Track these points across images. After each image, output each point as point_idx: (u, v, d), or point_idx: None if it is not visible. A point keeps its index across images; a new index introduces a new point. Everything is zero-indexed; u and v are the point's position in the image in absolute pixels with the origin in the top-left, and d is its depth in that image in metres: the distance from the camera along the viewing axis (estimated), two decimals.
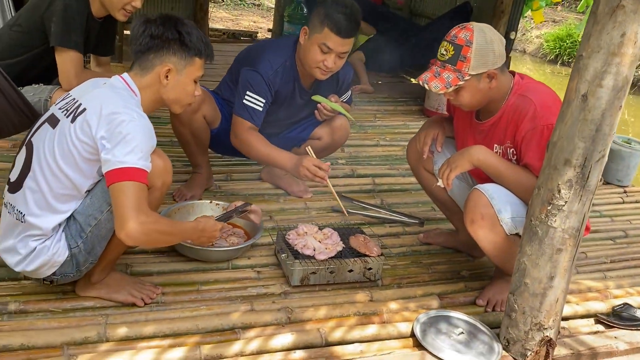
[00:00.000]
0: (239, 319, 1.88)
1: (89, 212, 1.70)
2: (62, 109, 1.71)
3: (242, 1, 12.49)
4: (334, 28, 2.31)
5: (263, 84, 2.44)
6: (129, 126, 1.60)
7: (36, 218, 1.67)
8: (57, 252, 1.71)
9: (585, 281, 2.44)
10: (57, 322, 1.75)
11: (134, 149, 1.59)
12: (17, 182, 1.70)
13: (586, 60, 1.57)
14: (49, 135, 1.68)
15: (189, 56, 1.77)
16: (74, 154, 1.64)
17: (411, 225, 2.76)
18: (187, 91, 1.82)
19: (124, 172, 1.57)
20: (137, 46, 1.75)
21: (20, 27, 2.21)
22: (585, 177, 1.65)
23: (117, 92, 1.70)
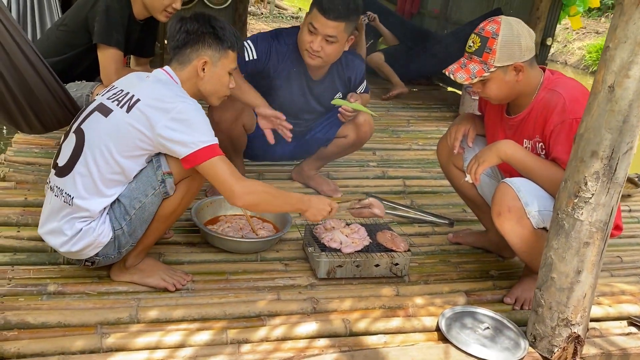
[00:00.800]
0: (265, 307, 1.92)
1: (134, 195, 1.79)
2: (111, 99, 1.80)
3: (280, 14, 12.73)
4: (320, 8, 2.31)
5: (265, 45, 2.46)
6: (188, 111, 1.73)
7: (84, 201, 1.75)
8: (102, 233, 1.80)
9: (619, 284, 2.38)
10: (92, 304, 1.84)
11: (202, 128, 1.74)
12: (66, 167, 1.79)
13: (613, 51, 1.56)
14: (102, 123, 1.77)
15: (222, 49, 1.86)
16: (128, 143, 1.74)
17: (441, 226, 2.76)
18: (223, 83, 1.92)
19: (208, 151, 1.73)
20: (174, 42, 1.85)
21: (66, 26, 2.35)
22: (613, 169, 1.63)
23: (162, 82, 1.81)
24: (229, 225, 2.36)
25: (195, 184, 1.86)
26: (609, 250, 2.63)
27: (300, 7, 13.84)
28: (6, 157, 2.83)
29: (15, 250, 2.09)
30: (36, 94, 2.09)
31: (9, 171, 2.67)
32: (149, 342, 1.68)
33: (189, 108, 1.74)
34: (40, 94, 2.09)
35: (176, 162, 1.77)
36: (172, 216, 1.88)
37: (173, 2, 2.32)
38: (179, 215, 1.94)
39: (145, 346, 1.67)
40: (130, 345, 1.67)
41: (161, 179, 1.78)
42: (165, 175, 1.78)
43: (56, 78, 2.10)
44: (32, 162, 2.83)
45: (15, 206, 2.38)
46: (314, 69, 2.58)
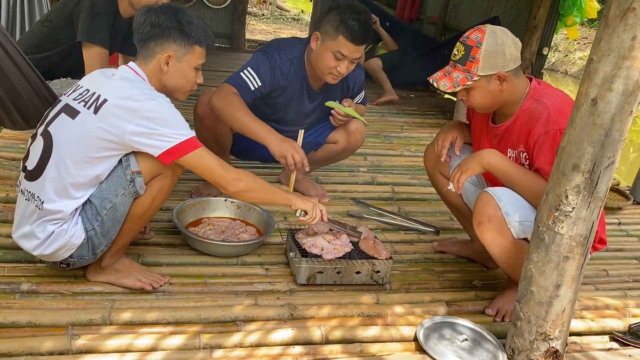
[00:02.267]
0: (241, 312, 1.90)
1: (105, 195, 1.76)
2: (77, 99, 1.77)
3: (282, 16, 12.73)
4: (349, 36, 2.31)
5: (267, 68, 2.43)
6: (158, 108, 1.70)
7: (55, 204, 1.73)
8: (74, 234, 1.77)
9: (603, 298, 2.36)
10: (65, 304, 1.82)
11: (178, 122, 1.73)
12: (35, 170, 1.76)
13: (596, 64, 1.54)
14: (69, 125, 1.73)
15: (188, 44, 1.83)
16: (97, 145, 1.70)
17: (426, 234, 2.74)
18: (188, 78, 1.88)
19: (190, 143, 1.73)
20: (139, 35, 1.82)
21: (50, 22, 2.33)
22: (594, 183, 1.61)
23: (130, 82, 1.77)
24: (211, 227, 2.34)
25: (167, 182, 1.83)
26: (595, 263, 2.64)
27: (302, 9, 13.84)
28: None
29: None
30: (19, 90, 2.07)
31: None
32: (120, 344, 1.66)
33: (159, 105, 1.70)
34: (23, 91, 2.08)
35: (146, 160, 1.75)
36: (144, 216, 1.86)
37: (159, 0, 2.30)
38: (152, 215, 1.91)
39: (115, 349, 1.65)
40: (101, 348, 1.64)
41: (130, 178, 1.75)
42: (134, 174, 1.75)
43: (38, 75, 2.08)
44: (17, 157, 2.80)
45: None
46: (317, 81, 2.57)
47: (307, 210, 2.04)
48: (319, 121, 2.75)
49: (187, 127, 1.75)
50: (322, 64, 2.40)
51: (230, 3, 6.42)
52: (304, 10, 13.58)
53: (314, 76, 2.54)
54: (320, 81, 2.57)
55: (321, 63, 2.40)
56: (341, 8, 2.33)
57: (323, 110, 2.66)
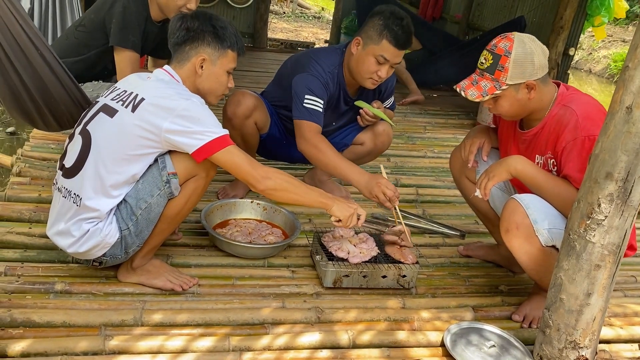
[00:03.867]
0: (269, 314, 1.92)
1: (140, 195, 1.80)
2: (115, 99, 1.81)
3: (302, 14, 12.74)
4: (393, 40, 2.34)
5: (319, 85, 2.46)
6: (192, 107, 1.74)
7: (92, 201, 1.77)
8: (109, 234, 1.81)
9: (632, 305, 2.33)
10: (98, 304, 1.85)
11: (210, 121, 1.76)
12: (73, 168, 1.80)
13: (632, 71, 1.52)
14: (107, 124, 1.78)
15: (222, 48, 1.88)
16: (135, 142, 1.75)
17: (452, 237, 2.73)
18: (221, 82, 1.93)
19: (221, 141, 1.76)
20: (174, 39, 1.87)
21: (84, 27, 2.37)
22: (628, 192, 1.59)
23: (166, 83, 1.82)
24: (238, 229, 2.36)
25: (202, 184, 1.86)
26: (624, 269, 2.61)
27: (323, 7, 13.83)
28: (23, 152, 2.87)
29: (26, 247, 2.12)
30: (52, 93, 2.11)
31: (24, 166, 2.71)
32: (152, 346, 1.69)
33: (193, 105, 1.74)
34: (57, 93, 2.12)
35: (181, 162, 1.79)
36: (177, 217, 1.89)
37: (187, 3, 2.33)
38: (184, 216, 1.95)
39: (147, 350, 1.68)
40: (133, 349, 1.68)
41: (166, 180, 1.78)
42: (170, 175, 1.78)
43: (72, 78, 2.12)
44: (48, 157, 2.86)
45: (28, 202, 2.42)
46: (353, 86, 2.59)
47: (342, 218, 1.98)
48: (348, 123, 2.77)
49: (219, 126, 1.78)
50: (363, 68, 2.41)
51: (253, 2, 6.45)
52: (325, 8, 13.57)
53: (351, 82, 2.56)
54: (356, 86, 2.59)
55: (362, 67, 2.41)
56: (385, 14, 2.36)
57: (354, 112, 2.68)
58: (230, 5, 6.39)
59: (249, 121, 2.59)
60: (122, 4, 2.23)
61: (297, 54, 2.71)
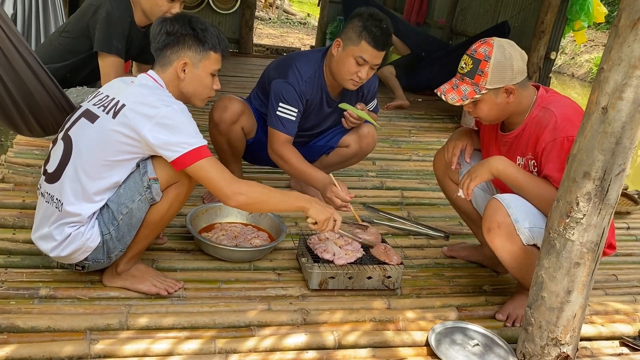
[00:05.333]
0: (255, 317, 1.93)
1: (122, 200, 1.80)
2: (97, 105, 1.82)
3: (288, 20, 12.78)
4: (372, 41, 2.37)
5: (294, 94, 2.51)
6: (172, 115, 1.73)
7: (73, 206, 1.77)
8: (90, 237, 1.81)
9: (613, 303, 2.38)
10: (83, 309, 1.85)
11: (188, 130, 1.74)
12: (55, 173, 1.80)
13: (607, 72, 1.56)
14: (88, 130, 1.77)
15: (204, 50, 1.86)
16: (116, 148, 1.74)
17: (436, 239, 2.76)
18: (205, 84, 1.92)
19: (196, 153, 1.73)
20: (155, 44, 1.87)
21: (68, 33, 2.37)
22: (605, 190, 1.63)
23: (149, 89, 1.82)
24: (224, 233, 2.37)
25: (184, 190, 1.86)
26: (605, 268, 2.65)
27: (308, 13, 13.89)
28: (6, 158, 2.86)
29: (9, 252, 2.11)
30: (36, 98, 2.11)
31: (8, 172, 2.69)
32: (137, 349, 1.69)
33: (173, 112, 1.73)
34: (40, 98, 2.12)
35: (163, 167, 1.78)
36: (160, 223, 1.89)
37: (171, 8, 2.34)
38: (167, 222, 1.94)
39: (133, 354, 1.68)
40: (119, 353, 1.67)
41: (147, 185, 1.78)
42: (151, 181, 1.78)
43: (56, 83, 2.12)
44: (32, 163, 2.85)
45: (12, 208, 2.40)
46: (335, 89, 2.62)
47: (318, 221, 1.96)
48: (333, 125, 2.80)
49: (197, 136, 1.76)
50: (343, 70, 2.44)
51: (239, 8, 6.47)
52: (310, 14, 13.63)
53: (333, 84, 2.59)
54: (338, 88, 2.62)
55: (343, 68, 2.44)
56: (364, 15, 2.40)
57: (338, 115, 2.71)
58: (216, 11, 6.41)
59: (235, 126, 2.60)
60: (105, 10, 2.23)
61: (280, 58, 2.74)
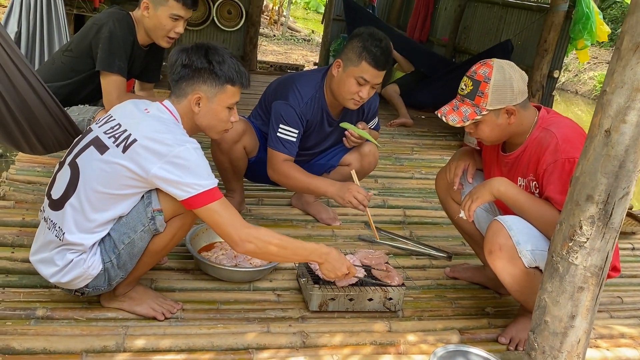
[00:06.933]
0: (254, 339, 1.90)
1: (123, 230, 1.76)
2: (108, 134, 1.76)
3: (292, 36, 12.86)
4: (372, 62, 2.37)
5: (295, 116, 2.51)
6: (185, 155, 1.67)
7: (74, 236, 1.73)
8: (92, 265, 1.77)
9: (618, 326, 2.34)
10: (80, 330, 1.83)
11: (200, 172, 1.69)
12: (60, 201, 1.76)
13: (609, 95, 1.55)
14: (97, 161, 1.73)
15: (219, 84, 1.82)
16: (122, 182, 1.71)
17: (439, 259, 2.73)
18: (220, 118, 1.88)
19: (207, 195, 1.68)
20: (172, 75, 1.84)
21: (71, 52, 2.38)
22: (609, 214, 1.60)
23: (163, 121, 1.77)
24: (224, 252, 2.35)
25: (188, 221, 1.83)
26: (610, 290, 2.62)
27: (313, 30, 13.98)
28: (8, 175, 2.86)
29: (7, 271, 2.09)
30: (37, 116, 2.11)
31: (9, 190, 2.69)
32: None
33: (186, 152, 1.68)
34: (41, 116, 2.12)
35: (168, 199, 1.74)
36: (162, 252, 1.86)
37: (175, 27, 2.35)
38: (169, 251, 1.92)
39: None
40: None
41: (151, 216, 1.74)
42: (155, 212, 1.74)
43: (57, 102, 2.12)
44: (33, 181, 2.85)
45: (12, 226, 2.39)
46: (336, 108, 2.62)
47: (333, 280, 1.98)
48: (334, 144, 2.79)
49: (209, 177, 1.71)
50: (344, 90, 2.44)
51: (243, 25, 6.51)
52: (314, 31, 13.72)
53: (333, 104, 2.59)
54: (338, 108, 2.62)
55: (343, 89, 2.44)
56: (363, 36, 2.40)
57: (339, 133, 2.70)
58: (220, 28, 6.44)
59: (237, 146, 2.60)
60: (108, 29, 2.25)
61: (281, 77, 2.74)
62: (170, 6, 2.31)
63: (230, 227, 1.71)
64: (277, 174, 2.53)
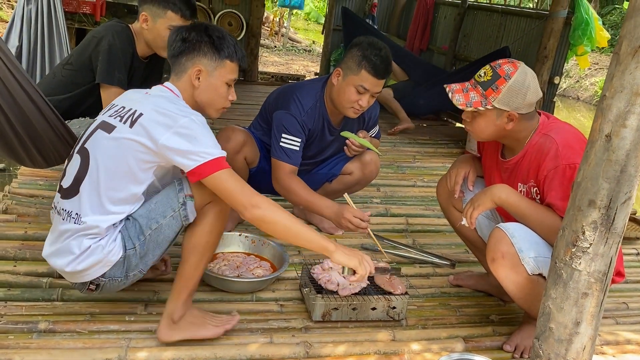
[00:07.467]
0: (256, 350, 1.89)
1: (152, 215, 1.75)
2: (113, 115, 1.77)
3: (293, 47, 12.92)
4: (372, 70, 2.38)
5: (297, 125, 2.52)
6: (191, 125, 1.68)
7: (91, 218, 1.70)
8: (112, 251, 1.73)
9: (624, 333, 2.32)
10: (82, 343, 1.82)
11: (207, 141, 1.69)
12: (72, 188, 1.75)
13: (609, 100, 1.55)
14: (105, 140, 1.73)
15: (219, 58, 1.83)
16: (133, 156, 1.70)
17: (442, 267, 2.72)
18: (220, 93, 1.88)
19: (216, 163, 1.67)
20: (171, 51, 1.85)
21: (71, 65, 2.40)
22: (611, 219, 1.59)
23: (167, 98, 1.78)
24: (226, 263, 2.34)
25: (223, 208, 1.79)
26: (615, 296, 2.60)
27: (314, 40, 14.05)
28: (10, 189, 2.86)
29: (10, 285, 2.09)
30: (38, 130, 2.11)
31: (11, 203, 2.69)
32: None
33: (192, 123, 1.69)
34: (43, 130, 2.12)
35: (199, 185, 1.72)
36: (207, 246, 1.80)
37: None
38: (215, 245, 1.85)
39: None
40: None
41: (182, 201, 1.73)
42: (187, 197, 1.73)
43: (57, 115, 2.13)
44: (35, 194, 2.86)
45: (14, 239, 2.40)
46: (336, 116, 2.62)
47: (354, 268, 1.80)
48: (336, 153, 2.79)
49: (216, 147, 1.71)
50: (344, 99, 2.45)
51: (244, 37, 6.54)
52: (315, 41, 13.78)
53: (334, 112, 2.60)
54: (339, 116, 2.62)
55: (343, 97, 2.45)
56: (363, 45, 2.41)
57: (341, 142, 2.71)
58: None
59: (238, 156, 2.60)
60: (107, 42, 2.26)
61: (281, 87, 2.76)
62: (169, 17, 2.32)
63: (239, 192, 1.69)
64: (280, 186, 2.54)
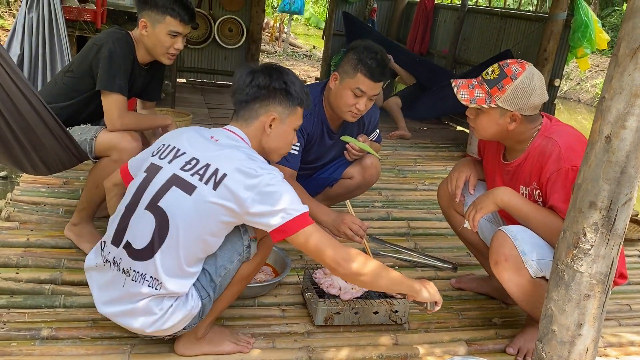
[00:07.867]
0: (259, 355, 1.89)
1: (220, 263, 1.72)
2: (189, 171, 1.66)
3: (294, 52, 12.95)
4: (368, 73, 2.39)
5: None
6: (274, 181, 1.62)
7: (172, 283, 1.65)
8: (194, 305, 1.71)
9: (627, 334, 2.31)
10: (85, 349, 1.82)
11: (291, 197, 1.62)
12: (147, 250, 1.64)
13: (608, 102, 1.55)
14: (186, 202, 1.63)
15: (292, 106, 1.80)
16: (216, 219, 1.63)
17: (444, 270, 2.72)
18: (288, 140, 1.86)
19: (302, 219, 1.62)
20: (242, 96, 1.78)
21: (72, 73, 2.40)
22: (612, 220, 1.59)
23: (243, 152, 1.69)
24: None
25: (270, 244, 1.82)
26: (617, 298, 2.59)
27: (314, 46, 14.07)
28: (12, 196, 2.87)
29: (12, 292, 2.10)
30: (40, 137, 2.12)
31: (13, 211, 2.70)
32: None
33: (274, 179, 1.63)
34: (44, 137, 2.13)
35: None
36: (249, 277, 1.83)
37: (174, 44, 2.37)
38: (254, 275, 1.89)
39: None
40: None
41: (247, 244, 1.73)
42: (251, 240, 1.73)
43: (59, 123, 2.13)
44: (37, 201, 2.86)
45: (16, 247, 2.40)
46: (335, 121, 2.63)
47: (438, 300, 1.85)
48: (336, 157, 2.79)
49: (299, 202, 1.64)
50: (341, 102, 2.46)
51: (244, 43, 6.56)
52: (316, 46, 13.80)
53: (333, 117, 2.60)
54: (338, 121, 2.63)
55: (341, 101, 2.46)
56: (359, 48, 2.42)
57: (341, 147, 2.71)
58: (222, 45, 6.49)
59: None
60: (108, 49, 2.27)
61: None
62: (168, 23, 2.33)
63: (330, 248, 1.63)
64: None
